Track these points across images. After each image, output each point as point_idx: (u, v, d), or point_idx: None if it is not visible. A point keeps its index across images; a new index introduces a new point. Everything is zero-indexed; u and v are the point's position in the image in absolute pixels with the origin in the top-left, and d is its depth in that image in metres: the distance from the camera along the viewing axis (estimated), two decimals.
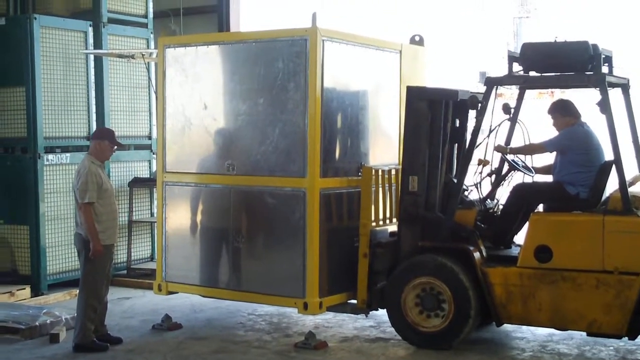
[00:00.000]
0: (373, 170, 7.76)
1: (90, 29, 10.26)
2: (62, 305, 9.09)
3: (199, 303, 9.01)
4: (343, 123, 7.86)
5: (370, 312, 7.97)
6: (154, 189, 10.24)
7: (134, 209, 10.64)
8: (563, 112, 7.62)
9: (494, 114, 7.57)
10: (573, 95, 8.36)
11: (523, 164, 7.87)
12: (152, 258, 10.92)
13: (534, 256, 7.15)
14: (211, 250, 8.13)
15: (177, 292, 8.48)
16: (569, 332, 7.56)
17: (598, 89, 7.11)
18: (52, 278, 9.79)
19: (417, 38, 8.86)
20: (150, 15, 11.18)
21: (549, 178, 7.81)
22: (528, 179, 7.89)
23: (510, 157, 7.83)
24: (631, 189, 7.24)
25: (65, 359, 7.21)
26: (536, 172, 7.92)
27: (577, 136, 7.49)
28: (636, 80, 8.07)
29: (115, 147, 7.66)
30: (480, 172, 7.81)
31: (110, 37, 10.53)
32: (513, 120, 8.05)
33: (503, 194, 8.04)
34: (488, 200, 8.06)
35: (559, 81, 7.60)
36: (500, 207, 7.99)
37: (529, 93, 8.37)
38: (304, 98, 7.46)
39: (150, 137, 11.01)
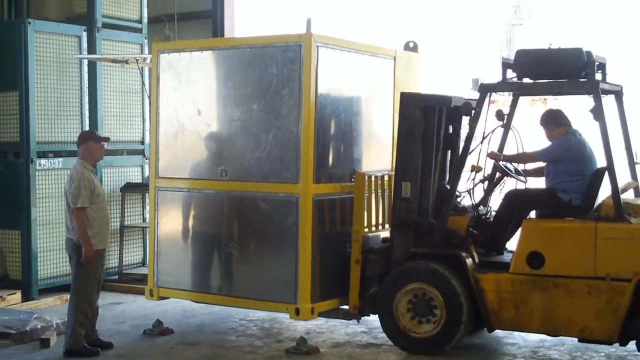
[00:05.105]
0: (366, 176, 7.76)
1: (85, 34, 10.24)
2: (53, 310, 9.05)
3: (190, 308, 8.99)
4: (337, 129, 7.86)
5: (362, 318, 7.95)
6: (147, 194, 10.22)
7: (126, 214, 10.61)
8: (554, 122, 7.61)
9: (488, 121, 7.58)
10: (565, 102, 8.36)
11: (516, 170, 7.88)
12: (143, 263, 10.90)
13: (526, 262, 7.15)
14: (203, 256, 8.11)
15: (169, 298, 8.47)
16: (561, 338, 7.56)
17: (591, 96, 7.12)
18: (43, 283, 9.76)
19: (411, 44, 8.87)
20: (145, 20, 11.17)
21: (540, 182, 7.82)
22: (520, 186, 7.90)
23: (502, 163, 7.83)
24: (623, 196, 7.25)
25: None
26: (527, 175, 7.92)
27: (570, 147, 7.48)
28: (630, 87, 8.09)
29: (104, 143, 7.63)
30: (473, 179, 7.82)
31: (105, 42, 10.53)
32: (506, 127, 8.05)
33: (496, 201, 8.05)
34: (481, 206, 8.07)
35: (553, 88, 7.62)
36: (493, 213, 7.99)
37: (522, 100, 8.37)
38: (298, 104, 7.46)
39: (143, 142, 10.99)
